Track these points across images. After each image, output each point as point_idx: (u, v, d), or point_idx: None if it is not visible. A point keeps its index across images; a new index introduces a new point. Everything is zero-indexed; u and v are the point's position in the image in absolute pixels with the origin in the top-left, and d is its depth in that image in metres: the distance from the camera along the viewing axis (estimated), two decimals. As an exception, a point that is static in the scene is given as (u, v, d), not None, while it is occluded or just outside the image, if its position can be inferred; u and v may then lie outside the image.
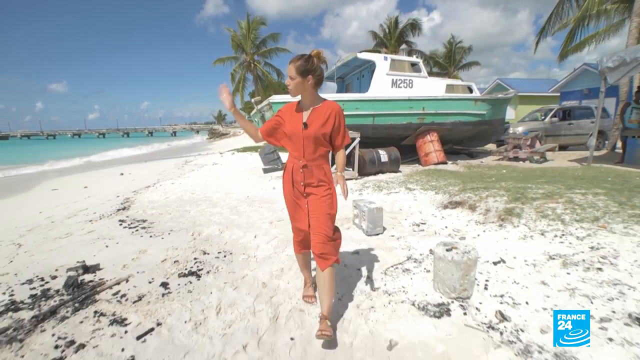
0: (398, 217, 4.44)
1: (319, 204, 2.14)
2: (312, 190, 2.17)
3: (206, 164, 12.95)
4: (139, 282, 2.94)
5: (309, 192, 2.17)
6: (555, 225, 3.47)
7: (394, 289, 2.57)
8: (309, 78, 2.04)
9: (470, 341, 1.94)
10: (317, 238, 2.08)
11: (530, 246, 3.15)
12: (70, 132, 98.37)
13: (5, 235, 4.93)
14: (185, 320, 2.30)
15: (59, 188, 10.52)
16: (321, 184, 2.16)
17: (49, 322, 2.36)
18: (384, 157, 7.39)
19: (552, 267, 2.70)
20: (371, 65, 8.89)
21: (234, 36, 26.76)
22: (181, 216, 5.10)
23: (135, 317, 2.37)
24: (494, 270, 2.77)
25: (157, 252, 3.62)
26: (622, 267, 2.56)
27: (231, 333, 2.15)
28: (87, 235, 4.52)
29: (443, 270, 2.36)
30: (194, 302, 2.53)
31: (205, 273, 3.04)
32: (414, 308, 2.29)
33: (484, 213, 4.08)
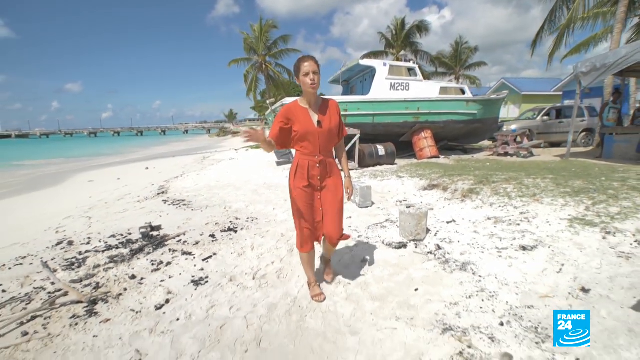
0: (386, 197, 5.57)
1: (332, 196, 2.32)
2: (326, 182, 2.33)
3: (223, 159, 14.20)
4: (193, 235, 4.13)
5: (323, 185, 2.32)
6: (502, 199, 4.56)
7: (372, 236, 3.72)
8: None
9: (414, 259, 3.07)
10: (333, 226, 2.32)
11: (478, 213, 4.25)
12: (87, 131, 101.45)
13: (72, 212, 6.18)
14: (231, 252, 3.48)
15: (94, 180, 11.82)
16: (333, 175, 2.35)
17: (140, 254, 3.56)
18: (382, 151, 8.51)
19: (485, 224, 3.80)
20: (372, 71, 10.02)
21: (247, 39, 28.04)
22: (212, 197, 6.30)
23: (197, 251, 3.56)
24: (446, 226, 3.88)
25: (200, 219, 4.82)
26: (534, 223, 3.65)
27: (262, 257, 3.32)
28: (140, 210, 5.75)
29: (404, 221, 3.49)
30: (235, 244, 3.71)
31: (240, 229, 4.23)
32: (383, 245, 3.43)
33: (452, 192, 5.18)
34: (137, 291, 2.75)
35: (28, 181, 12.67)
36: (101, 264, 3.33)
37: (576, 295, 2.24)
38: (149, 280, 2.95)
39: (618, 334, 1.82)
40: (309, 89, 2.17)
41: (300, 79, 2.19)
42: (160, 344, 2.06)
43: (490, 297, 2.34)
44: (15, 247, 4.29)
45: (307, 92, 2.21)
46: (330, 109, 2.28)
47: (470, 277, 2.67)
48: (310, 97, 2.23)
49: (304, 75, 2.15)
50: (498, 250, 3.08)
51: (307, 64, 2.14)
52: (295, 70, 2.23)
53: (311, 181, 2.27)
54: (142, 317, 2.37)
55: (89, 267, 3.29)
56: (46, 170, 16.74)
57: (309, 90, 2.17)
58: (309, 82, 2.14)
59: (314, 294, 2.49)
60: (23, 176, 14.40)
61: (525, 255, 2.96)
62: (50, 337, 2.19)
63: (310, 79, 2.13)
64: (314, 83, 2.14)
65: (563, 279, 2.48)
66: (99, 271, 3.17)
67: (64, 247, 4.00)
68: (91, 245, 4.02)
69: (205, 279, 2.90)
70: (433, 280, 2.65)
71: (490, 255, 3.00)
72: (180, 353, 1.96)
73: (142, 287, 2.81)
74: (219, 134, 53.53)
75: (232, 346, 2.00)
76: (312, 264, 2.53)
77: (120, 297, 2.66)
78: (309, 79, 2.13)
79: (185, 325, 2.24)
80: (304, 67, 2.14)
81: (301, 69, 2.16)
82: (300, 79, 2.20)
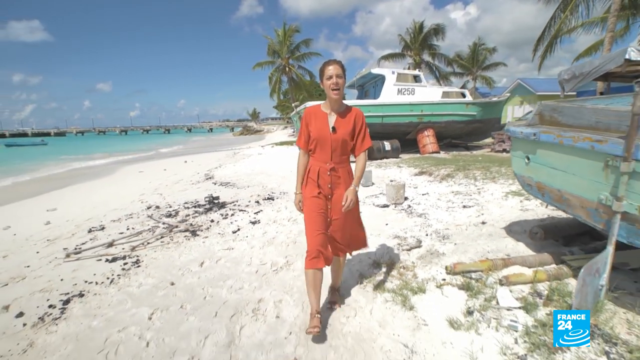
0: (385, 180, 7.20)
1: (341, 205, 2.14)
2: (337, 190, 2.23)
3: (252, 154, 16.09)
4: (242, 202, 5.91)
5: (334, 193, 2.23)
6: (469, 180, 6.12)
7: (368, 202, 5.39)
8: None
9: (391, 212, 4.73)
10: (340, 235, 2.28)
11: (447, 189, 5.83)
12: (118, 129, 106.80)
13: (144, 191, 8.08)
14: (271, 210, 5.22)
15: (144, 171, 13.88)
16: (346, 183, 2.23)
17: (211, 212, 5.34)
18: (388, 147, 10.12)
19: (449, 195, 5.39)
20: (382, 78, 11.63)
21: (271, 43, 30.01)
22: (251, 180, 8.11)
23: (249, 209, 5.32)
24: (421, 196, 5.50)
25: (245, 193, 6.60)
26: (482, 195, 5.21)
27: (293, 211, 5.04)
28: (197, 189, 7.60)
29: (388, 190, 5.13)
30: (274, 206, 5.46)
31: (276, 198, 5.99)
32: (373, 205, 5.10)
33: (435, 176, 6.76)
34: (218, 226, 4.53)
35: (85, 172, 14.85)
36: (189, 214, 5.15)
37: (476, 223, 3.85)
38: (222, 222, 4.72)
39: (483, 236, 3.43)
40: (331, 93, 2.13)
41: (323, 82, 2.17)
42: (241, 245, 3.80)
43: (428, 226, 3.98)
44: (117, 211, 6.16)
45: (329, 96, 2.17)
46: (352, 117, 2.23)
47: (422, 220, 4.30)
48: (332, 102, 2.19)
49: (327, 78, 2.12)
50: (447, 208, 4.69)
51: (331, 67, 2.12)
52: (320, 73, 2.20)
53: (321, 188, 2.22)
54: (225, 236, 4.13)
55: (182, 216, 5.11)
56: (93, 164, 18.92)
57: (331, 94, 2.14)
58: (331, 85, 2.11)
59: (313, 325, 2.03)
60: (78, 169, 16.67)
61: (463, 210, 4.56)
62: (177, 242, 3.97)
63: (333, 82, 2.10)
64: (337, 86, 2.11)
65: (476, 219, 4.08)
66: (189, 218, 4.98)
67: (154, 209, 5.84)
68: (173, 208, 5.84)
69: (258, 221, 4.66)
70: (398, 220, 4.31)
71: (441, 209, 4.62)
72: (252, 246, 3.70)
73: (220, 225, 4.59)
74: (243, 132, 56.00)
75: (279, 245, 3.73)
76: (317, 287, 2.13)
77: (208, 230, 4.43)
78: (332, 82, 2.10)
79: (252, 237, 3.99)
80: (328, 70, 2.12)
81: (325, 72, 2.14)
82: (323, 83, 2.17)
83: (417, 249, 3.33)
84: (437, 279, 2.65)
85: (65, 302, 2.73)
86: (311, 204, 2.21)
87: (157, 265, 3.32)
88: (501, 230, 3.59)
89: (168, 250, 3.75)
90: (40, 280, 3.19)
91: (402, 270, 2.89)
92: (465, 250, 3.14)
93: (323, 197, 2.23)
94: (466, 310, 2.21)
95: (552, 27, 14.19)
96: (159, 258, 3.52)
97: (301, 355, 1.96)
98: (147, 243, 3.99)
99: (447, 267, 2.73)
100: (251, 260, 3.34)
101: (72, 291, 2.90)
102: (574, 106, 2.48)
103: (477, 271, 2.65)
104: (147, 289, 2.85)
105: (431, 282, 2.61)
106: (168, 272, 3.16)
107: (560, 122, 2.51)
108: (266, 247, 3.68)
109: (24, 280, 3.25)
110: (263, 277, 2.99)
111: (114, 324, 2.36)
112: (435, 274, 2.74)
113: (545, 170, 2.52)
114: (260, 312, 2.43)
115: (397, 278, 2.77)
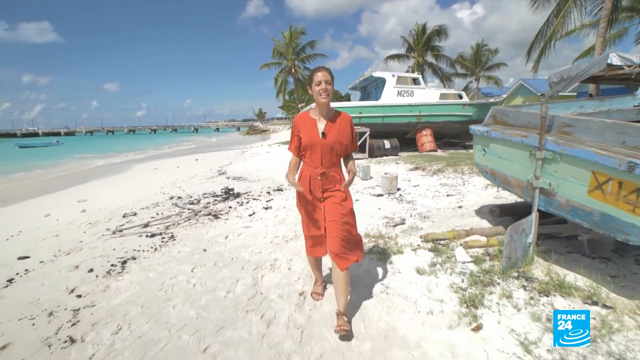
0: (382, 174, 7.93)
1: (336, 208, 2.25)
2: (329, 194, 2.29)
3: (259, 152, 16.87)
4: (255, 192, 6.67)
5: (326, 197, 2.29)
6: (457, 175, 6.83)
7: (365, 192, 6.13)
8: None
9: (384, 200, 5.46)
10: (333, 241, 2.21)
11: (436, 181, 6.55)
12: (126, 129, 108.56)
13: (164, 185, 8.88)
14: (281, 199, 5.98)
15: (158, 168, 14.69)
16: (338, 187, 2.27)
17: (227, 200, 6.11)
18: (387, 145, 10.84)
19: (436, 187, 6.11)
20: (383, 81, 12.36)
21: (277, 45, 30.81)
22: (261, 175, 8.88)
23: (262, 198, 6.08)
24: (412, 187, 6.23)
25: (257, 186, 7.37)
26: (466, 186, 5.92)
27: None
28: (212, 183, 8.38)
29: (382, 182, 5.87)
30: (283, 195, 6.22)
31: (285, 190, 6.75)
32: (369, 195, 5.84)
33: (427, 171, 7.48)
34: (235, 211, 5.30)
35: (102, 170, 15.66)
36: (210, 202, 5.93)
37: (454, 207, 4.57)
38: (239, 208, 5.49)
39: (457, 216, 4.16)
40: (320, 99, 2.16)
41: (312, 88, 2.18)
42: (257, 224, 4.56)
43: (413, 210, 4.72)
44: (142, 201, 6.94)
45: (318, 102, 2.20)
46: (340, 121, 2.27)
47: (410, 205, 5.04)
48: (321, 108, 2.23)
49: (316, 84, 2.15)
50: (433, 197, 5.42)
51: (320, 73, 2.15)
52: (309, 80, 2.22)
53: (313, 192, 2.28)
54: (243, 218, 4.90)
55: (203, 204, 5.89)
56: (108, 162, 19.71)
57: (320, 100, 2.16)
58: (320, 91, 2.14)
59: (315, 291, 2.58)
60: (96, 167, 17.54)
61: (447, 198, 5.30)
62: (203, 223, 4.74)
63: (322, 88, 2.13)
64: (325, 92, 2.14)
65: (455, 205, 4.80)
66: (209, 205, 5.76)
67: (177, 199, 6.62)
68: (194, 197, 6.63)
69: (270, 207, 5.42)
70: (389, 206, 5.06)
71: (427, 197, 5.36)
72: (266, 225, 4.46)
73: (237, 210, 5.35)
74: (249, 132, 56.81)
75: (289, 224, 4.48)
76: (319, 266, 2.62)
77: (228, 214, 5.20)
78: (320, 88, 2.13)
79: (266, 219, 4.75)
80: (317, 76, 2.15)
81: (314, 78, 2.16)
82: (312, 89, 2.19)
83: (401, 225, 4.07)
84: (413, 244, 3.39)
85: (123, 262, 3.51)
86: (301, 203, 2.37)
87: (190, 239, 4.10)
88: (472, 212, 4.32)
89: (196, 228, 4.52)
90: (96, 250, 3.97)
91: (387, 240, 3.63)
92: (439, 225, 3.88)
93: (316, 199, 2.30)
94: (430, 263, 2.95)
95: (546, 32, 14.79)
96: (190, 234, 4.30)
97: (305, 290, 2.72)
98: (177, 224, 4.78)
99: (422, 236, 3.47)
100: (266, 235, 4.11)
101: (125, 256, 3.68)
102: (515, 111, 3.21)
103: (445, 239, 3.39)
104: (185, 254, 3.62)
105: (408, 247, 3.35)
106: (199, 243, 3.94)
107: (506, 122, 3.23)
108: (278, 226, 4.44)
109: (82, 250, 4.03)
110: (277, 245, 3.76)
111: (166, 274, 3.13)
112: (412, 241, 3.48)
113: (495, 160, 3.25)
114: (276, 266, 3.19)
115: (383, 245, 3.51)
